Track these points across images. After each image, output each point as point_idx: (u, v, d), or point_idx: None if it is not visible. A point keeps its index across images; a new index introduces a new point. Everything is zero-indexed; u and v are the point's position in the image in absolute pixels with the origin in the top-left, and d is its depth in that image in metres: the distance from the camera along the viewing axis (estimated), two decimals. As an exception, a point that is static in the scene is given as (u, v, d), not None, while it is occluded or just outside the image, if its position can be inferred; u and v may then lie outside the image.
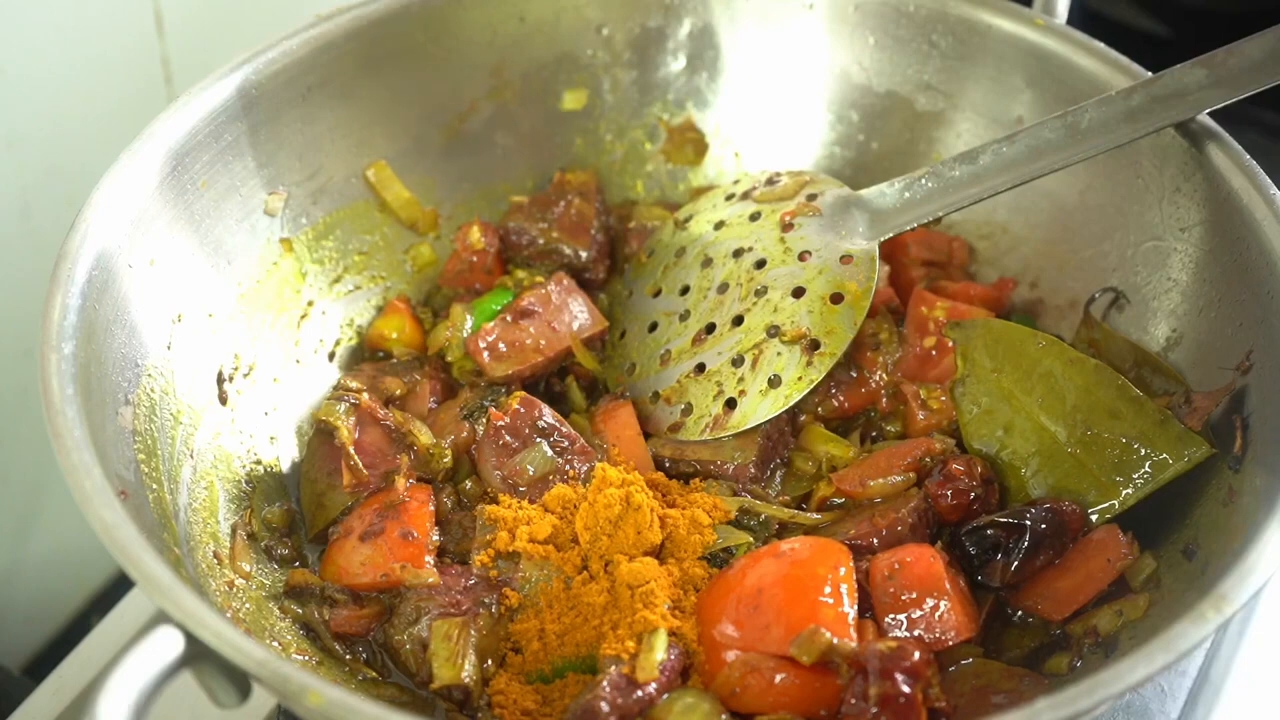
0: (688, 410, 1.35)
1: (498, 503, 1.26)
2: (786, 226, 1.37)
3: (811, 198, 1.39)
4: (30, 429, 1.62)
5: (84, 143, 1.51)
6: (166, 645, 0.92)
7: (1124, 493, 1.21)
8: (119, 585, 1.75)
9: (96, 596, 1.78)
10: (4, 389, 1.59)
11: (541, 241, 1.48)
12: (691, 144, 1.59)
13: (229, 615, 1.14)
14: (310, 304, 1.42)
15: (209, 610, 0.94)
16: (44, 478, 1.67)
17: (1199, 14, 1.76)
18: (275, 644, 1.17)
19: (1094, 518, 1.21)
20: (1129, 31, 1.49)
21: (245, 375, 1.34)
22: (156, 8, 1.57)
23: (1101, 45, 1.38)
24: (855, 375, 1.37)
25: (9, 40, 1.44)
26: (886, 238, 1.35)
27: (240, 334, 1.34)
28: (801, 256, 1.35)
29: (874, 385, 1.37)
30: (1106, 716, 1.26)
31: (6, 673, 1.57)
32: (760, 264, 1.36)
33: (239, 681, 0.97)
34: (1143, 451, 1.20)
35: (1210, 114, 1.28)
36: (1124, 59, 1.37)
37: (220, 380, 1.31)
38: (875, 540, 1.21)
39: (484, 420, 1.31)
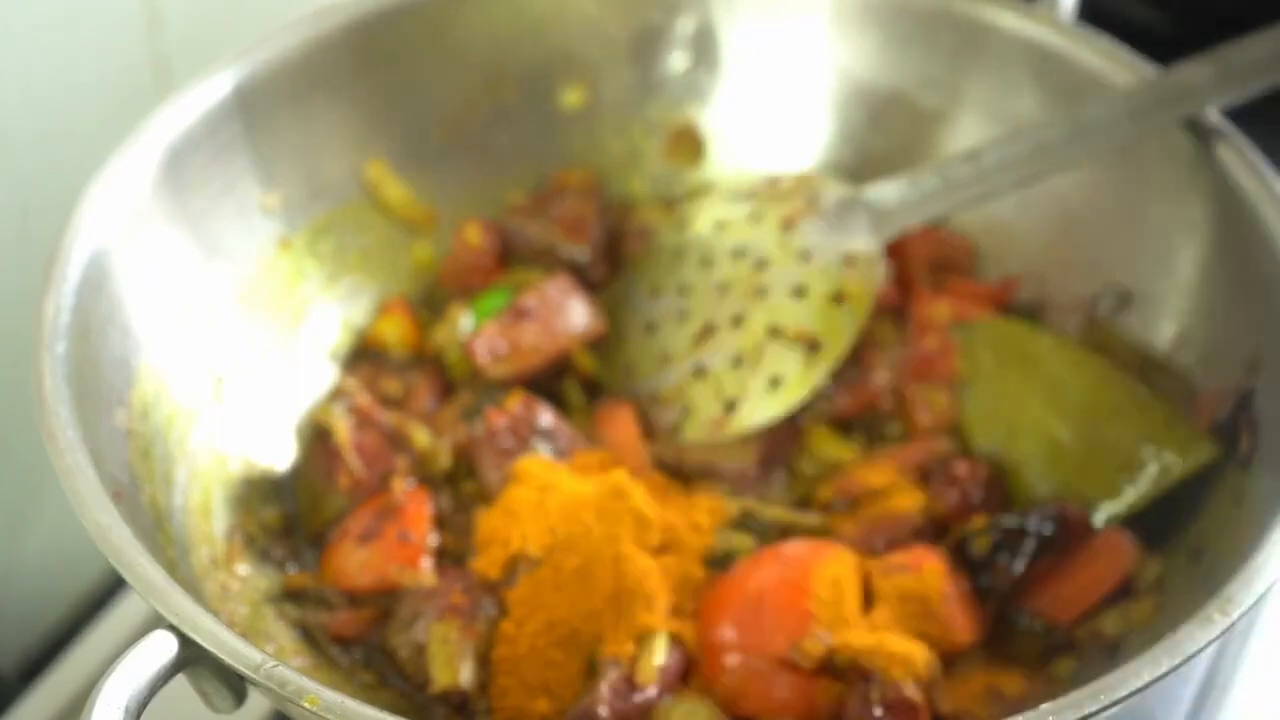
0: (687, 411, 1.34)
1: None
2: (787, 226, 1.36)
3: (813, 198, 1.38)
4: (24, 430, 1.61)
5: (79, 140, 1.50)
6: (161, 649, 0.91)
7: (1130, 495, 1.20)
8: (114, 588, 1.74)
9: (91, 599, 1.78)
10: (-2, 390, 1.58)
11: (541, 241, 1.48)
12: (691, 144, 1.59)
13: (224, 618, 1.13)
14: (308, 303, 1.41)
15: (204, 613, 0.94)
16: (38, 479, 1.67)
17: (1204, 10, 1.77)
18: (271, 647, 1.16)
19: (1099, 520, 1.21)
20: (1132, 28, 1.49)
21: (242, 375, 1.33)
22: (152, 4, 1.57)
23: (1106, 42, 1.38)
24: (857, 376, 1.36)
25: (2, 38, 1.44)
26: (889, 238, 1.34)
27: (237, 334, 1.33)
28: (803, 257, 1.34)
29: (876, 386, 1.36)
30: (1110, 720, 1.26)
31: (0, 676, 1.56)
32: (761, 264, 1.36)
33: (235, 685, 0.96)
34: (1149, 453, 1.20)
35: (1227, 112, 1.27)
36: (1129, 56, 1.36)
37: (216, 381, 1.30)
38: (877, 542, 1.20)
39: (483, 421, 1.30)
